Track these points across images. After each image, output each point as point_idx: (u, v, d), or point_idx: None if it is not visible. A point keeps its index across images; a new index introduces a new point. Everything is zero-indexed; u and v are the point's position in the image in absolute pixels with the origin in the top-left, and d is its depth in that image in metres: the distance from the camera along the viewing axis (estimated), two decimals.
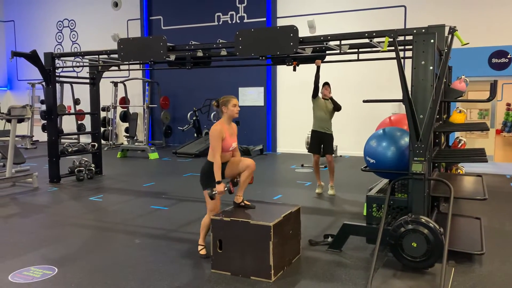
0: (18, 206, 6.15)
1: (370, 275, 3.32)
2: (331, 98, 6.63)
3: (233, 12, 12.46)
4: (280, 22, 11.70)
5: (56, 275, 3.65)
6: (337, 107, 6.64)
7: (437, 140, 5.06)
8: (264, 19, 12.03)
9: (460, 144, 6.40)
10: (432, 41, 3.63)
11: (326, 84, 6.68)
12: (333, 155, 6.76)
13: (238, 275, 3.60)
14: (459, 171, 6.60)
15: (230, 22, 12.52)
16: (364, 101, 4.09)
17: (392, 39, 3.74)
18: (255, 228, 3.52)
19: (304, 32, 11.26)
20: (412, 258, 3.53)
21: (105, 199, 6.53)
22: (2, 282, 3.51)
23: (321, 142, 6.64)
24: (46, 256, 4.09)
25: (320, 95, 6.69)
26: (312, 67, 6.60)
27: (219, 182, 3.82)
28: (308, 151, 7.02)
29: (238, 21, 12.40)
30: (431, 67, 3.65)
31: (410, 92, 3.74)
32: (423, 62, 3.68)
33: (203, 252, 4.04)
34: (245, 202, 4.02)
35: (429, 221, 3.54)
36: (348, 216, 5.45)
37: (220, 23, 12.64)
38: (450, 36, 3.63)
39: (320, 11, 11.36)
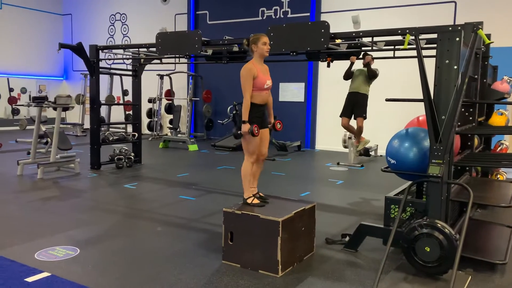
0: (57, 189, 6.54)
1: (377, 276, 3.26)
2: (368, 65, 6.45)
3: (277, 7, 12.45)
4: (324, 17, 11.54)
5: (77, 256, 3.87)
6: (370, 73, 6.49)
7: (469, 143, 4.84)
8: (308, 14, 11.93)
9: (499, 148, 6.08)
10: (457, 39, 3.48)
11: (365, 54, 6.59)
12: (365, 118, 6.57)
13: (247, 267, 3.65)
14: (498, 176, 6.28)
15: (274, 17, 12.52)
16: (387, 100, 3.99)
17: (413, 37, 3.62)
18: (264, 222, 3.55)
19: (349, 27, 11.08)
20: (424, 263, 3.43)
21: (138, 187, 6.80)
22: (29, 259, 3.76)
23: (352, 103, 6.55)
24: (72, 238, 4.34)
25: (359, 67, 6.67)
26: (357, 65, 6.54)
27: (244, 122, 3.77)
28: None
29: (282, 16, 12.38)
30: (455, 67, 3.50)
31: (432, 92, 3.61)
32: (447, 61, 3.54)
33: (254, 201, 3.86)
34: (260, 194, 4.04)
35: (445, 226, 3.41)
36: (373, 217, 5.35)
37: (264, 18, 12.68)
38: (473, 34, 3.47)
39: (366, 6, 11.11)
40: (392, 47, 5.87)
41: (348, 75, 6.54)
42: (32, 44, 16.75)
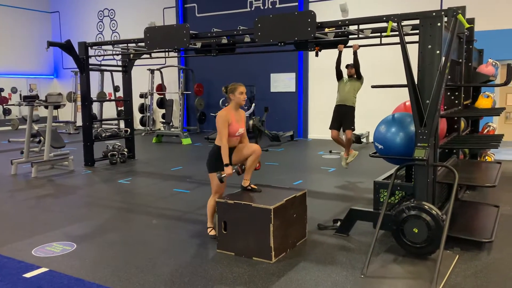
0: (52, 187, 6.58)
1: (367, 258, 3.36)
2: (354, 54, 6.50)
3: None
4: (312, 6, 11.56)
5: (74, 251, 3.94)
6: (356, 64, 6.53)
7: (455, 126, 4.94)
8: (296, 3, 11.95)
9: (486, 131, 6.19)
10: (439, 24, 3.55)
11: (349, 65, 6.67)
12: (353, 130, 6.70)
13: (241, 255, 3.73)
14: (486, 158, 6.39)
15: (262, 7, 12.53)
16: (373, 87, 4.07)
17: (395, 24, 3.68)
18: (256, 210, 3.63)
19: (337, 16, 11.07)
20: (413, 244, 3.53)
21: (133, 182, 6.85)
22: (26, 255, 3.83)
23: (340, 116, 6.64)
24: (69, 233, 4.41)
25: (345, 76, 6.71)
26: (345, 53, 6.58)
27: (227, 165, 3.95)
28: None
29: (270, 7, 12.39)
30: (437, 51, 3.58)
31: (416, 77, 3.69)
32: (429, 46, 3.61)
33: (212, 232, 4.20)
34: (252, 186, 4.13)
35: (432, 207, 3.51)
36: (364, 202, 5.45)
37: (253, 9, 12.68)
38: (453, 19, 3.53)
39: None
40: (379, 34, 5.94)
41: (339, 65, 6.61)
42: (20, 43, 16.64)
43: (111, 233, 4.43)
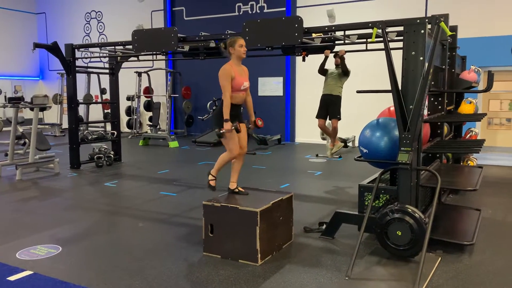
0: (37, 190, 6.52)
1: (351, 261, 3.41)
2: (341, 59, 6.64)
3: (253, 2, 12.52)
4: (300, 12, 11.67)
5: (59, 254, 3.91)
6: (344, 71, 6.68)
7: (439, 131, 5.04)
8: (284, 9, 12.04)
9: (469, 136, 6.32)
10: (422, 31, 3.63)
11: (337, 55, 6.79)
12: (339, 119, 6.81)
13: (227, 258, 3.75)
14: (469, 162, 6.51)
15: (250, 12, 12.59)
16: (358, 92, 4.14)
17: (380, 30, 3.76)
18: (243, 213, 3.66)
19: (325, 21, 11.20)
20: (396, 246, 3.59)
21: (119, 185, 6.83)
22: (10, 258, 3.79)
23: (326, 105, 6.76)
24: (54, 236, 4.38)
25: (331, 67, 6.84)
26: (330, 64, 6.69)
27: (226, 120, 3.88)
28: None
29: (258, 11, 12.46)
30: (421, 58, 3.66)
31: (400, 83, 3.76)
32: (413, 53, 3.69)
33: (212, 183, 4.19)
34: (239, 188, 4.16)
35: (415, 211, 3.58)
36: (349, 205, 5.51)
37: (241, 13, 12.74)
38: (436, 26, 3.62)
39: (341, 0, 11.26)
40: (365, 40, 6.03)
41: (323, 69, 6.71)
42: (5, 44, 16.43)
43: (97, 236, 4.41)
